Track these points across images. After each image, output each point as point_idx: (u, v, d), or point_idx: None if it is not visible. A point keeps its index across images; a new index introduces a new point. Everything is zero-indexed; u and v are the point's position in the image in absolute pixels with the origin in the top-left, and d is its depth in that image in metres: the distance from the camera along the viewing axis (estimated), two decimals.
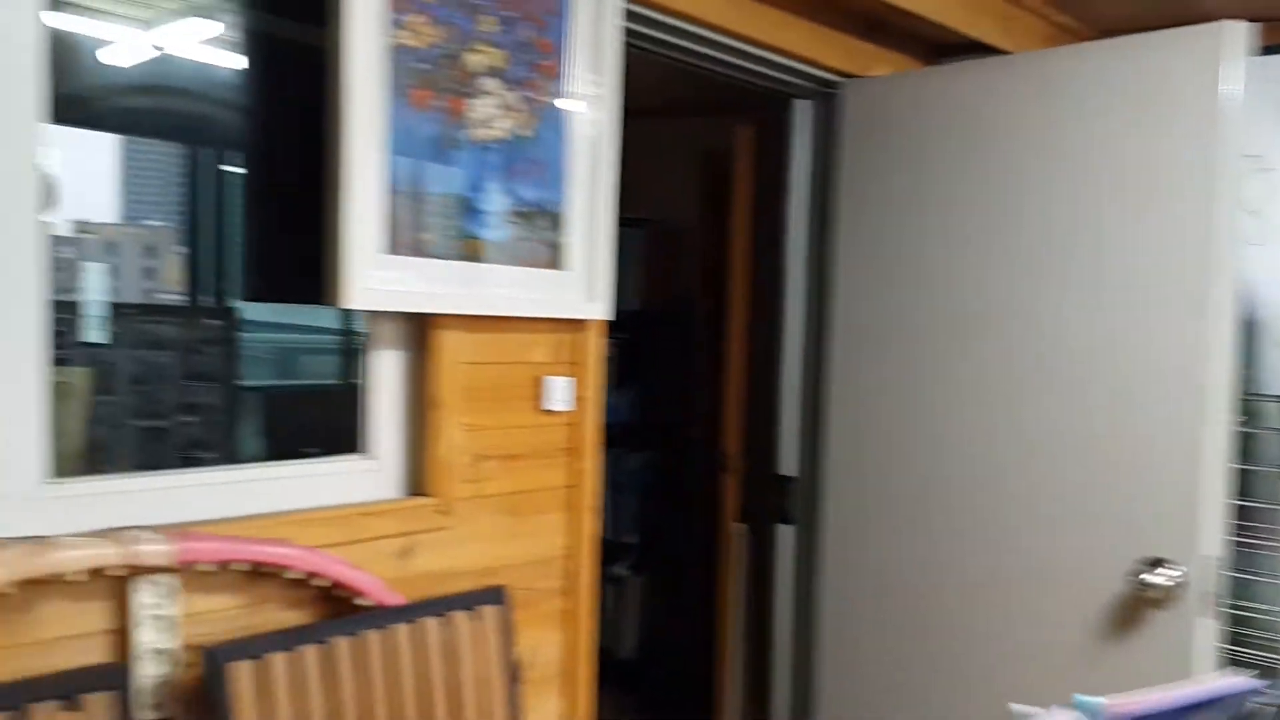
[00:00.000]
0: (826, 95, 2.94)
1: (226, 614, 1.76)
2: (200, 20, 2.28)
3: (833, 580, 2.89)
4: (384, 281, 1.88)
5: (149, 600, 1.64)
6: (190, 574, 1.68)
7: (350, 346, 3.06)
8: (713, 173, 4.18)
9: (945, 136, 2.70)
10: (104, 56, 2.11)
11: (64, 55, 1.77)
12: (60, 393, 1.72)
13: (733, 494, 3.40)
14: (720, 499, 3.50)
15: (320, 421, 2.68)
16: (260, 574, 1.77)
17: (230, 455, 2.89)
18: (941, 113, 2.71)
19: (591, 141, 2.18)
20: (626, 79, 2.27)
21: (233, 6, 2.28)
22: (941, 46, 3.03)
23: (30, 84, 1.56)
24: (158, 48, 2.17)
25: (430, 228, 1.94)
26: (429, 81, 1.91)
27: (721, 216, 3.83)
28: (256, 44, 2.30)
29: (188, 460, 2.49)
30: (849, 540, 2.86)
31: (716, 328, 4.12)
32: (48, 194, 1.59)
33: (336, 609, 1.88)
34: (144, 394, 2.50)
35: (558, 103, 2.13)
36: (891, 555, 2.74)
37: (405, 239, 1.91)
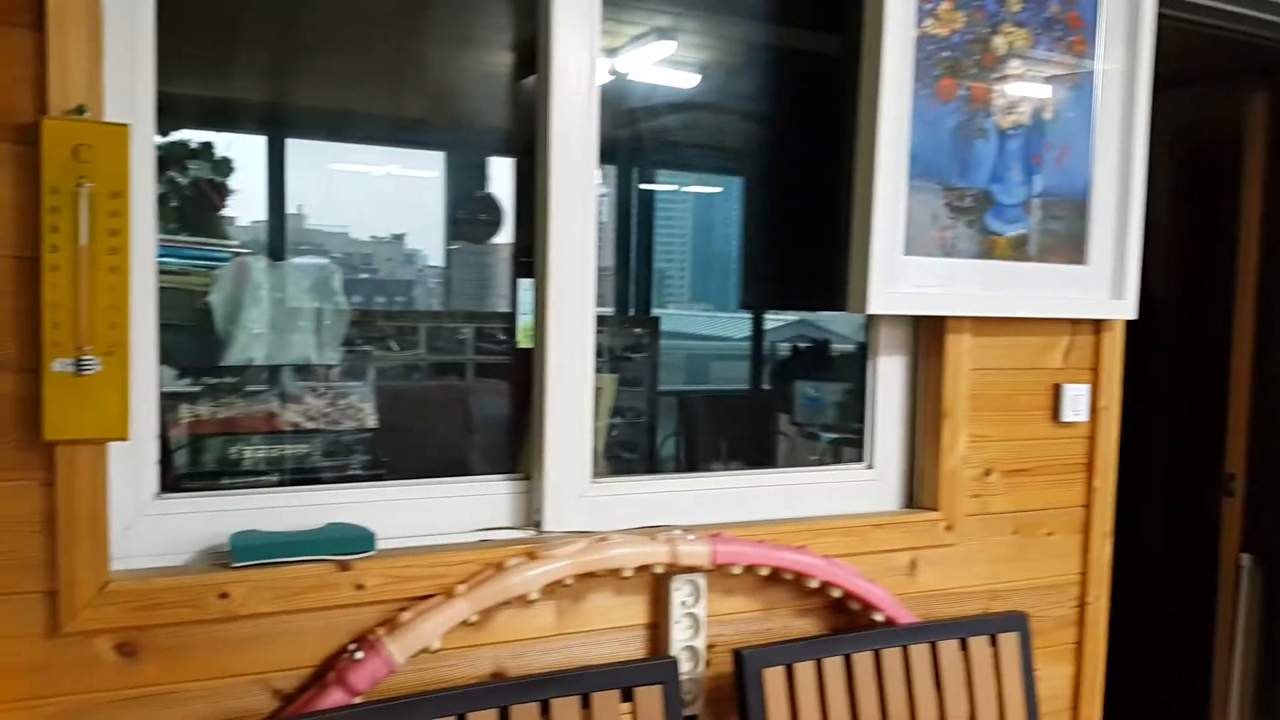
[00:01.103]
0: None
1: (743, 617, 1.76)
2: (659, 42, 2.32)
3: None
4: (903, 285, 1.79)
5: (683, 599, 1.67)
6: (714, 575, 1.70)
7: (762, 354, 3.07)
8: (1185, 151, 3.68)
9: None
10: None
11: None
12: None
13: (1237, 520, 2.95)
14: (1209, 524, 3.05)
15: (740, 427, 2.66)
16: (775, 580, 1.75)
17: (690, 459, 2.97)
18: None
19: (1121, 121, 1.95)
20: None
21: (703, 26, 2.30)
22: None
23: (592, 128, 1.65)
24: (615, 73, 2.25)
25: (948, 225, 1.82)
26: (953, 70, 1.79)
27: (1200, 200, 3.35)
28: (739, 57, 2.30)
29: (649, 462, 2.57)
30: None
31: (1180, 326, 3.62)
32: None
33: (845, 621, 1.83)
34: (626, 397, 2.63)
35: (1083, 81, 1.92)
36: None
37: (923, 238, 1.81)
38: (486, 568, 1.53)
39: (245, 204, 2.07)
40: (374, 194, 2.29)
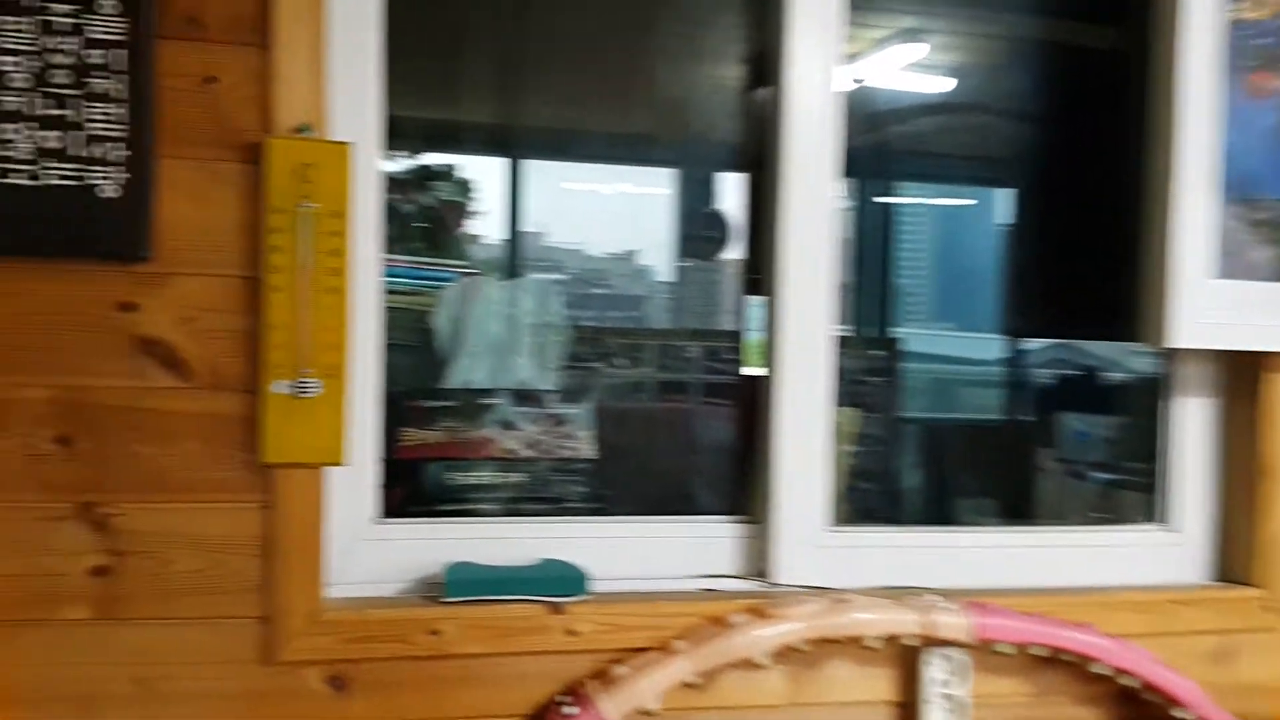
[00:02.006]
0: None
1: (1013, 701, 1.51)
2: (905, 45, 2.12)
3: None
4: (1211, 313, 1.49)
5: (939, 676, 1.44)
6: (976, 650, 1.45)
7: (1016, 380, 2.76)
8: None
9: None
10: None
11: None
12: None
13: None
14: None
15: (995, 461, 2.38)
16: (1052, 661, 1.48)
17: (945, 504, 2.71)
18: None
19: None
20: None
21: (954, 25, 2.09)
22: None
23: (831, 141, 1.49)
24: (856, 79, 2.06)
25: (1268, 243, 1.51)
26: (1270, 61, 1.48)
27: None
28: (996, 57, 2.08)
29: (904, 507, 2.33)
30: None
31: None
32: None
33: (1135, 713, 1.52)
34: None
35: None
36: None
37: (1233, 258, 1.50)
38: (709, 623, 1.37)
39: (484, 224, 2.07)
40: (606, 212, 2.24)
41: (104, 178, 1.18)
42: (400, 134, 1.46)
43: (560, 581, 1.36)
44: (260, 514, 1.28)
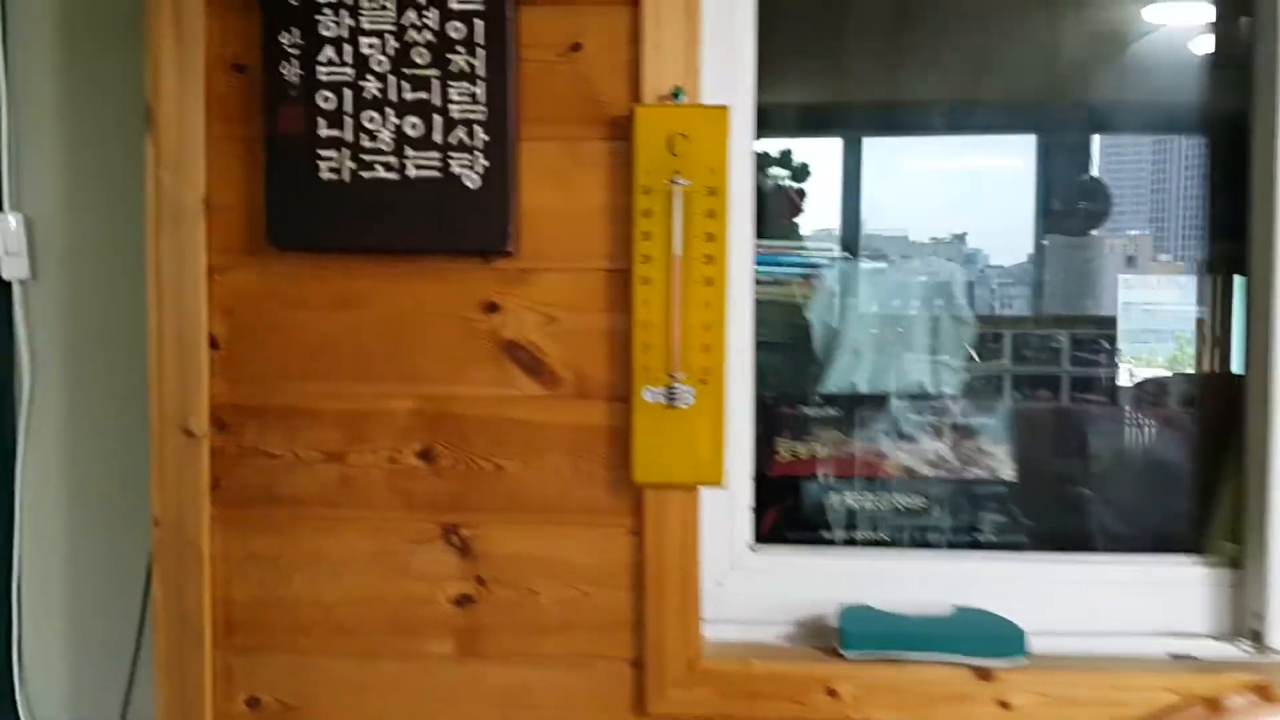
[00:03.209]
0: None
1: None
2: None
3: None
4: None
5: None
6: None
7: None
8: None
9: None
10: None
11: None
12: None
13: None
14: None
15: None
16: None
17: None
18: None
19: None
20: None
21: None
22: None
23: None
24: None
25: None
26: None
27: None
28: None
29: None
30: None
31: None
32: None
33: None
34: None
35: None
36: None
37: None
38: (1193, 703, 1.05)
39: (822, 211, 1.86)
40: (954, 192, 1.95)
41: (466, 165, 1.07)
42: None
43: (989, 640, 1.08)
44: (630, 540, 1.12)
